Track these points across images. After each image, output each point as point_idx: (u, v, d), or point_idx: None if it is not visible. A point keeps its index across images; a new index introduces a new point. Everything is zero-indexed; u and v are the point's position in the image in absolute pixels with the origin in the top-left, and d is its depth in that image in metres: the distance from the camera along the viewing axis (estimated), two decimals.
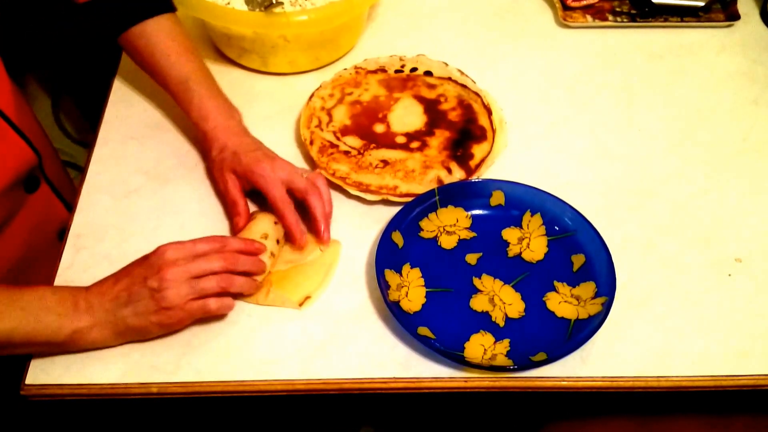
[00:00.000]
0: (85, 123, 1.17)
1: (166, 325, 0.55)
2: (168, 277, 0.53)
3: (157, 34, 0.67)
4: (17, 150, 0.66)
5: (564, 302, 0.60)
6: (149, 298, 0.54)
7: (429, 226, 0.65)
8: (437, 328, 0.58)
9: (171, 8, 0.70)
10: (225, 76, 0.78)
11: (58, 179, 0.75)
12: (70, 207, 0.67)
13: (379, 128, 0.72)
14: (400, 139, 0.71)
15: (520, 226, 0.65)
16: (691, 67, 0.82)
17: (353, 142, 0.71)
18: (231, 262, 0.56)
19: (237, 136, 0.66)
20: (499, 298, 0.60)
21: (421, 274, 0.62)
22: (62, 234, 0.66)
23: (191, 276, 0.54)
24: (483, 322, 0.59)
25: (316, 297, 0.60)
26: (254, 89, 0.78)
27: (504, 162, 0.71)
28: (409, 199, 0.65)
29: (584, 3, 0.86)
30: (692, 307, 0.61)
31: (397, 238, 0.63)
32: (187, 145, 0.73)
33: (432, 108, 0.74)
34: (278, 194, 0.62)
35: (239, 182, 0.64)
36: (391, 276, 0.60)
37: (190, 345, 0.58)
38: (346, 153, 0.69)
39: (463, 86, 0.75)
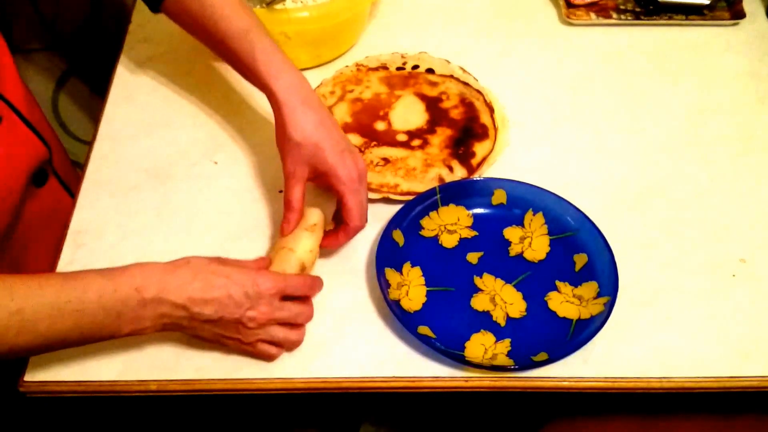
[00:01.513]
0: (84, 119, 1.17)
1: (229, 348, 0.56)
2: (258, 317, 0.53)
3: None
4: (30, 145, 0.66)
5: (566, 302, 0.60)
6: (233, 328, 0.53)
7: (430, 225, 0.64)
8: (438, 327, 0.58)
9: None
10: (225, 73, 0.78)
11: (66, 173, 0.76)
12: None
13: (380, 126, 0.72)
14: (402, 137, 0.70)
15: (522, 225, 0.65)
16: (696, 65, 0.81)
17: (354, 139, 0.70)
18: (307, 318, 0.57)
19: (316, 112, 0.59)
20: (500, 298, 0.60)
21: (421, 273, 0.61)
22: None
23: (275, 321, 0.54)
24: (484, 321, 0.59)
25: None
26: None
27: (506, 160, 0.70)
28: (410, 197, 0.65)
29: (588, 0, 0.86)
30: (695, 308, 0.61)
31: (398, 236, 0.62)
32: (188, 142, 0.72)
33: (433, 106, 0.73)
34: (357, 212, 0.58)
35: (307, 177, 0.59)
36: (391, 275, 0.60)
37: (189, 343, 0.57)
38: None
39: (465, 84, 0.75)
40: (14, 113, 0.64)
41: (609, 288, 0.58)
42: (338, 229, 0.61)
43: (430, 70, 0.77)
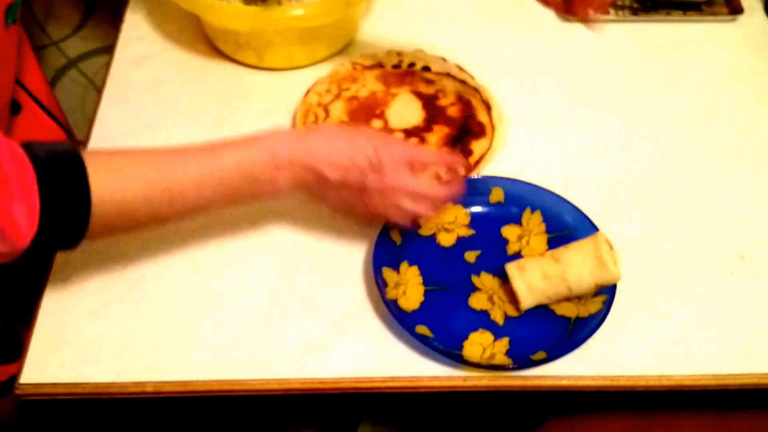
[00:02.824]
0: (78, 120, 1.17)
1: (359, 218, 0.55)
2: (380, 185, 0.52)
3: None
4: (50, 132, 0.66)
5: (564, 300, 0.59)
6: (358, 194, 0.53)
7: (427, 224, 0.64)
8: (436, 326, 0.57)
9: None
10: (220, 72, 0.78)
11: None
12: None
13: (377, 124, 0.71)
14: (398, 135, 0.70)
15: (520, 224, 0.64)
16: (694, 61, 0.81)
17: None
18: (441, 193, 0.54)
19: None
20: (498, 297, 0.60)
21: (419, 272, 0.61)
22: None
23: (401, 191, 0.53)
24: (482, 320, 0.59)
25: None
26: (250, 85, 0.77)
27: (503, 158, 0.70)
28: None
29: None
30: (695, 306, 0.60)
31: (395, 235, 0.62)
32: (183, 142, 0.72)
33: (430, 104, 0.73)
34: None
35: None
36: (388, 274, 0.59)
37: (185, 343, 0.57)
38: None
39: (462, 82, 0.75)
40: (34, 102, 0.64)
41: (607, 286, 0.58)
42: None
43: (426, 68, 0.76)
